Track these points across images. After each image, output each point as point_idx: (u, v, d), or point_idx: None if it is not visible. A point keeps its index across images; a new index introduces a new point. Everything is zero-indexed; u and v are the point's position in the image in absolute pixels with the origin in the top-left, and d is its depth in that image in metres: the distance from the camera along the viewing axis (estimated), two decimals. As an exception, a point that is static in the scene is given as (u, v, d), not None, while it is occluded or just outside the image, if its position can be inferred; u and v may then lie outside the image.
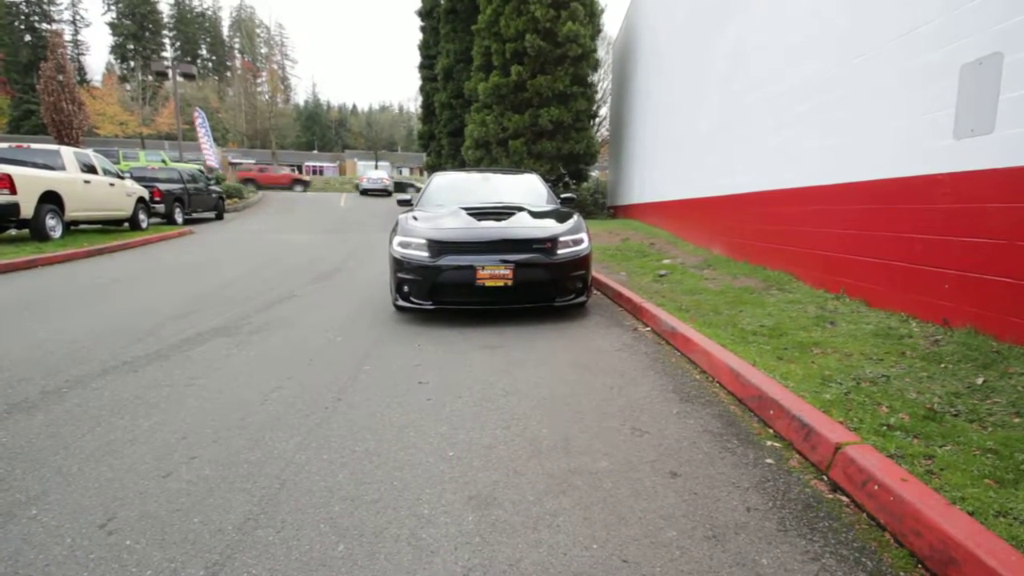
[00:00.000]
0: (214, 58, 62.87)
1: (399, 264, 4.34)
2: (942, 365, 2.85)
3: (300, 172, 50.62)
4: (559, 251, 4.33)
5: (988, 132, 3.07)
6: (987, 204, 3.08)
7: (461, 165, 18.66)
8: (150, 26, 53.46)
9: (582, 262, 4.43)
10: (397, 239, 4.45)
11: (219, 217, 16.61)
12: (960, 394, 2.43)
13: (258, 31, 59.21)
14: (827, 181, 4.74)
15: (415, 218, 4.70)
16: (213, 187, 16.70)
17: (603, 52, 19.44)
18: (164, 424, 2.41)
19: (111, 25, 53.49)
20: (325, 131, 66.08)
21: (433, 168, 22.21)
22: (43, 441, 2.25)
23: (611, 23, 36.01)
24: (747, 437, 2.26)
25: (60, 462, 2.08)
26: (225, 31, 65.58)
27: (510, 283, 4.15)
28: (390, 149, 62.40)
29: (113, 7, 53.11)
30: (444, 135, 18.92)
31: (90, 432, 2.33)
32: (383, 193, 27.16)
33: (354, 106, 75.11)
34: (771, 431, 2.30)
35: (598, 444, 2.20)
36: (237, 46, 62.13)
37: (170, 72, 19.11)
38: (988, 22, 3.09)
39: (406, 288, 4.33)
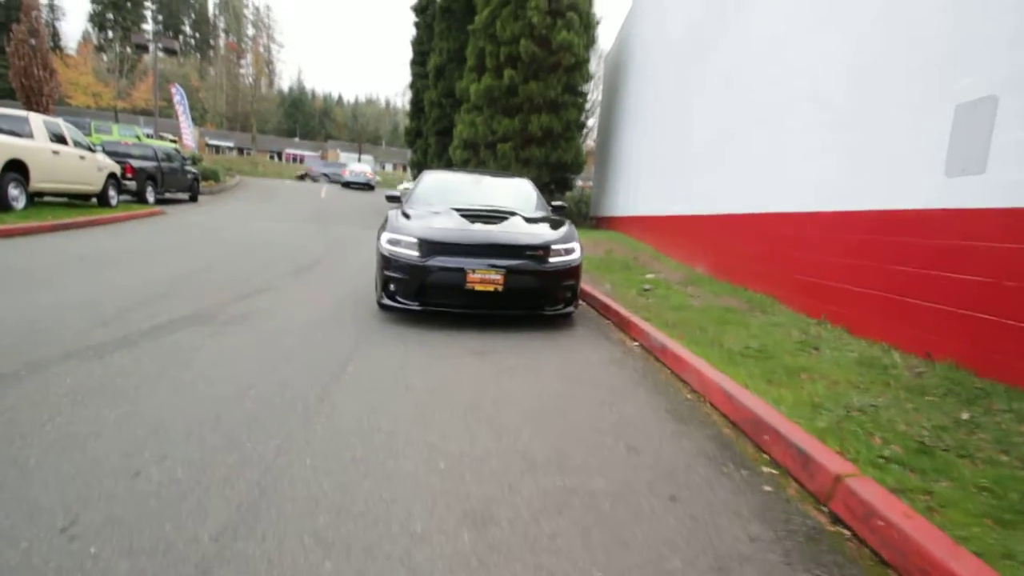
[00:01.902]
0: (197, 35, 61.16)
1: (387, 261, 4.22)
2: (927, 398, 2.89)
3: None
4: (551, 259, 4.28)
5: (980, 172, 3.15)
6: (976, 242, 3.15)
7: (448, 165, 18.52)
8: (131, -2, 51.73)
9: (573, 271, 4.38)
10: (386, 235, 4.33)
11: (193, 199, 16.06)
12: (947, 428, 2.46)
13: (246, 12, 57.88)
14: (815, 208, 4.82)
15: (406, 215, 4.58)
16: (189, 167, 16.16)
17: (595, 64, 19.60)
18: (132, 417, 2.25)
19: (91, -9, 51.52)
20: (308, 119, 64.92)
21: (419, 166, 22.00)
22: (-5, 429, 2.07)
23: (604, 36, 36.41)
24: (743, 462, 2.23)
25: (15, 453, 1.91)
26: (211, 9, 63.94)
27: (500, 288, 4.07)
28: (374, 143, 61.70)
29: (94, -27, 51.19)
30: (432, 133, 18.75)
31: (50, 421, 2.16)
32: (366, 187, 26.77)
33: (339, 96, 74.13)
34: (766, 456, 2.28)
35: (593, 461, 2.14)
36: (222, 25, 60.61)
37: (151, 46, 18.44)
38: (983, 67, 3.18)
39: (392, 287, 4.21)
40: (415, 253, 4.12)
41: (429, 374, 3.09)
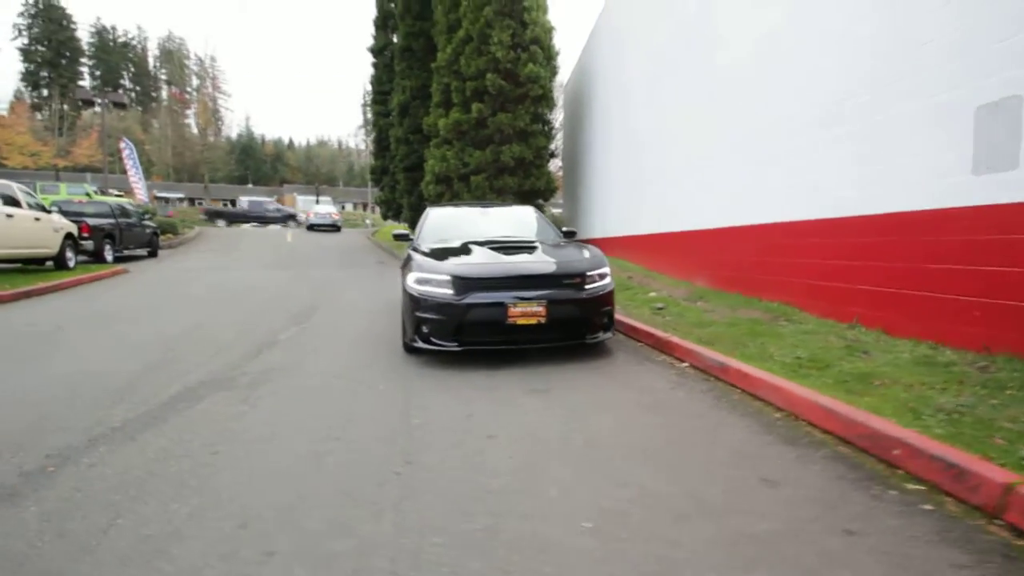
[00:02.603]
0: (138, 88, 59.53)
1: (417, 302, 3.99)
2: (1008, 392, 2.88)
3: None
4: (587, 286, 4.16)
5: (1012, 168, 3.25)
6: (1015, 235, 3.23)
7: (419, 200, 18.36)
8: (67, 53, 49.99)
9: (608, 297, 4.27)
10: (413, 275, 4.12)
11: (153, 255, 15.24)
12: (1054, 422, 2.43)
13: (188, 63, 56.91)
14: (836, 215, 4.91)
15: (428, 253, 4.38)
16: (147, 221, 15.40)
17: (555, 93, 20.08)
18: (207, 509, 1.94)
19: (22, 51, 49.55)
20: (260, 165, 63.68)
21: (386, 203, 21.74)
22: (47, 545, 1.73)
23: (563, 65, 37.48)
24: (884, 481, 2.11)
25: (86, 574, 1.58)
26: (151, 61, 62.57)
27: (543, 320, 3.90)
28: (331, 183, 61.00)
29: (25, 32, 49.35)
30: (400, 170, 18.61)
31: (112, 527, 1.82)
32: (332, 229, 26.20)
33: (290, 140, 73.25)
34: (901, 472, 2.17)
35: (738, 501, 1.97)
36: (164, 76, 59.31)
37: (98, 100, 17.73)
38: (1004, 68, 3.32)
39: (426, 328, 3.97)
40: (449, 291, 3.91)
41: (502, 420, 2.87)
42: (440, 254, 4.34)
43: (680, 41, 8.25)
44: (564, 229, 5.69)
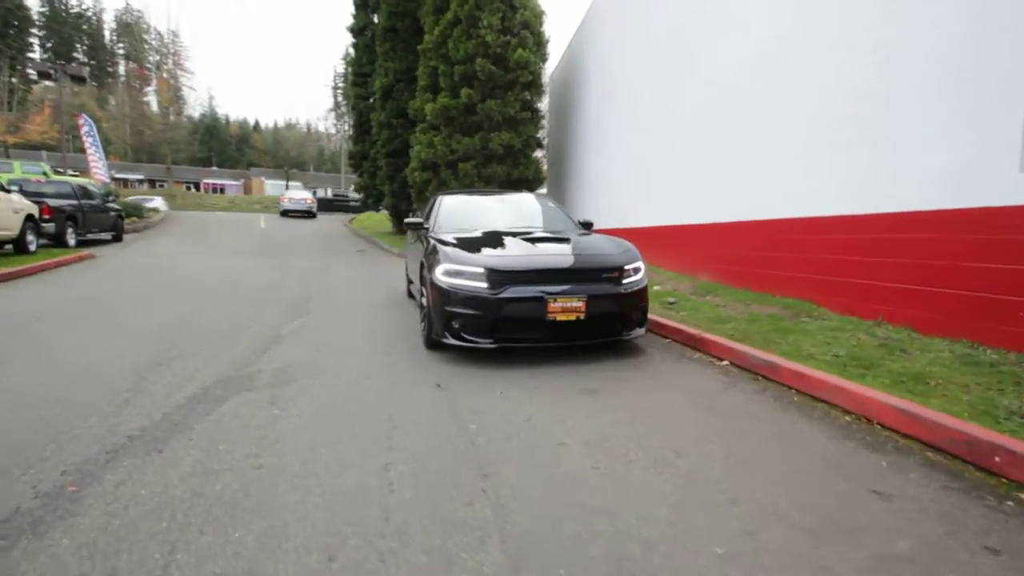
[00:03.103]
0: (93, 63, 56.02)
1: (446, 296, 3.75)
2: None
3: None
4: (624, 280, 3.99)
5: (1070, 166, 3.22)
6: (1073, 234, 3.21)
7: (402, 187, 17.87)
8: (15, 23, 46.53)
9: (644, 292, 4.12)
10: (442, 267, 3.86)
11: (118, 239, 14.36)
12: None
13: (148, 37, 53.86)
14: (859, 211, 4.87)
15: (456, 243, 4.12)
16: (111, 204, 14.48)
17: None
18: (279, 537, 1.68)
19: (-37, 20, 45.85)
20: (225, 147, 61.11)
21: (366, 189, 21.10)
22: (96, 585, 1.45)
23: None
24: (992, 490, 2.01)
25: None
26: (107, 35, 58.99)
27: (583, 316, 3.71)
28: (301, 168, 59.12)
29: (-34, -1, 45.70)
30: (382, 155, 18.02)
31: (171, 564, 1.55)
32: (307, 215, 25.34)
33: (256, 122, 70.52)
34: (1006, 480, 2.08)
35: (860, 517, 1.83)
36: (122, 51, 56.08)
37: (53, 72, 16.51)
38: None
39: (456, 323, 3.73)
40: (483, 284, 3.68)
41: (566, 425, 2.67)
42: (469, 244, 4.09)
43: (697, 21, 8.11)
44: (581, 220, 5.50)
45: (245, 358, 3.85)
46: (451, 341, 3.78)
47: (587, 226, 5.45)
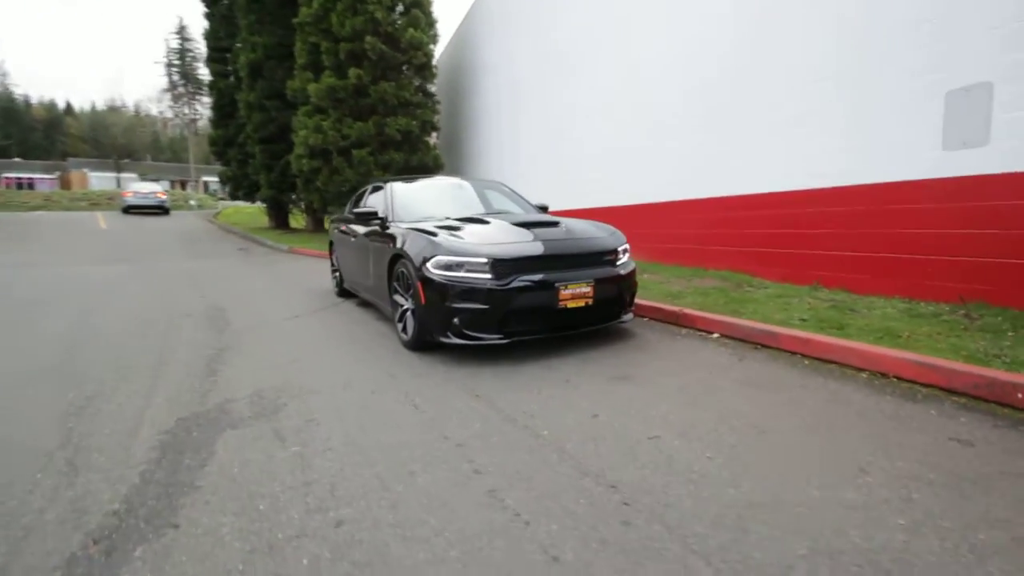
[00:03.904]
0: None
1: (445, 290, 3.38)
2: (1011, 335, 3.40)
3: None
4: (618, 262, 3.93)
5: (983, 144, 3.81)
6: (990, 202, 3.81)
7: (282, 176, 16.14)
8: None
9: (634, 273, 4.10)
10: (435, 260, 3.46)
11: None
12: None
13: None
14: (791, 188, 5.35)
15: (441, 232, 3.73)
16: None
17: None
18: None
19: None
20: (29, 134, 50.25)
21: (234, 180, 18.73)
22: None
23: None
24: (1035, 425, 2.29)
25: None
26: None
27: (591, 301, 3.59)
28: (133, 158, 50.79)
29: None
30: (254, 141, 16.05)
31: None
32: (158, 211, 21.80)
33: (69, 104, 59.11)
34: (1038, 417, 2.38)
35: (969, 465, 1.95)
36: None
37: None
38: (975, 61, 3.85)
39: (458, 320, 3.38)
40: (487, 276, 3.36)
41: (637, 416, 2.52)
42: (455, 233, 3.72)
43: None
44: (537, 205, 5.35)
45: (195, 388, 3.11)
46: (453, 340, 3.41)
47: (544, 209, 5.32)
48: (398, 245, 3.90)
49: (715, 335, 4.08)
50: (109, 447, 2.32)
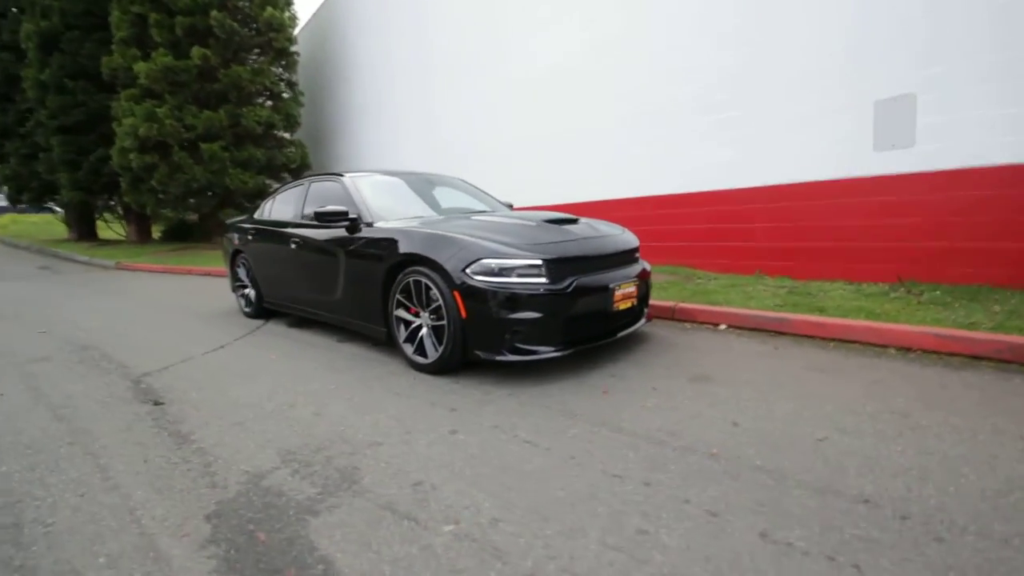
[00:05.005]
0: None
1: (495, 300, 2.87)
2: (957, 306, 4.03)
3: None
4: (641, 260, 3.79)
5: (909, 146, 4.49)
6: (916, 197, 4.50)
7: (94, 176, 12.93)
8: None
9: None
10: (480, 264, 2.92)
11: None
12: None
13: None
14: (730, 187, 5.77)
15: (474, 233, 3.17)
16: None
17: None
18: None
19: None
20: None
21: (16, 179, 14.47)
22: None
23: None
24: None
25: None
26: None
27: (635, 302, 3.37)
28: None
29: None
30: (51, 130, 12.53)
31: None
32: None
33: None
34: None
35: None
36: None
37: None
38: (900, 73, 4.52)
39: (513, 333, 2.90)
40: (542, 279, 2.94)
41: (778, 419, 2.36)
42: (480, 232, 3.20)
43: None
44: (503, 202, 4.99)
45: (180, 468, 2.17)
46: (508, 358, 2.91)
47: (510, 207, 4.97)
48: (405, 249, 3.23)
49: (723, 326, 4.16)
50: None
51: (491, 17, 8.55)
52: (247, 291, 5.27)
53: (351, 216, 3.74)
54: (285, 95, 12.84)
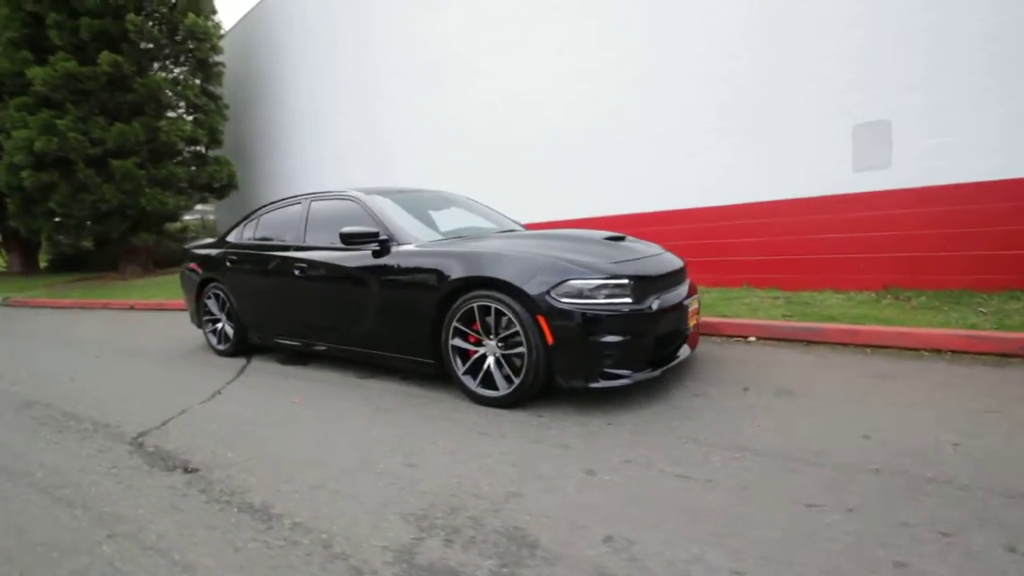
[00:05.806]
0: None
1: (587, 323, 2.67)
2: (946, 309, 4.42)
3: None
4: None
5: (886, 167, 4.93)
6: (894, 211, 4.93)
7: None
8: None
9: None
10: (568, 285, 2.71)
11: None
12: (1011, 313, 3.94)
13: None
14: (714, 204, 6.01)
15: (546, 252, 2.96)
16: None
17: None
18: None
19: None
20: None
21: None
22: None
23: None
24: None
25: None
26: None
27: (698, 319, 3.32)
28: None
29: None
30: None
31: None
32: None
33: None
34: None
35: None
36: None
37: None
38: (875, 101, 4.96)
39: (605, 357, 2.71)
40: (628, 299, 2.79)
41: (900, 431, 2.37)
42: (553, 249, 3.00)
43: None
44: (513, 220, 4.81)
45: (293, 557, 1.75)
46: (600, 384, 2.71)
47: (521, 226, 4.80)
48: (465, 272, 2.94)
49: (752, 338, 4.24)
50: None
51: (444, 43, 8.40)
52: (219, 326, 4.60)
53: (381, 237, 3.37)
54: (209, 108, 11.73)
